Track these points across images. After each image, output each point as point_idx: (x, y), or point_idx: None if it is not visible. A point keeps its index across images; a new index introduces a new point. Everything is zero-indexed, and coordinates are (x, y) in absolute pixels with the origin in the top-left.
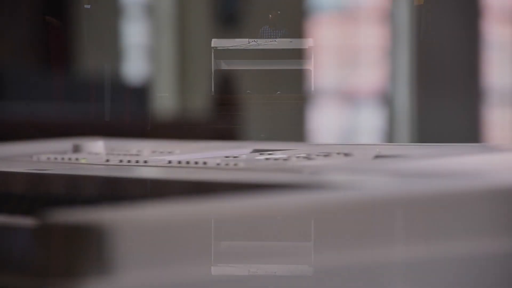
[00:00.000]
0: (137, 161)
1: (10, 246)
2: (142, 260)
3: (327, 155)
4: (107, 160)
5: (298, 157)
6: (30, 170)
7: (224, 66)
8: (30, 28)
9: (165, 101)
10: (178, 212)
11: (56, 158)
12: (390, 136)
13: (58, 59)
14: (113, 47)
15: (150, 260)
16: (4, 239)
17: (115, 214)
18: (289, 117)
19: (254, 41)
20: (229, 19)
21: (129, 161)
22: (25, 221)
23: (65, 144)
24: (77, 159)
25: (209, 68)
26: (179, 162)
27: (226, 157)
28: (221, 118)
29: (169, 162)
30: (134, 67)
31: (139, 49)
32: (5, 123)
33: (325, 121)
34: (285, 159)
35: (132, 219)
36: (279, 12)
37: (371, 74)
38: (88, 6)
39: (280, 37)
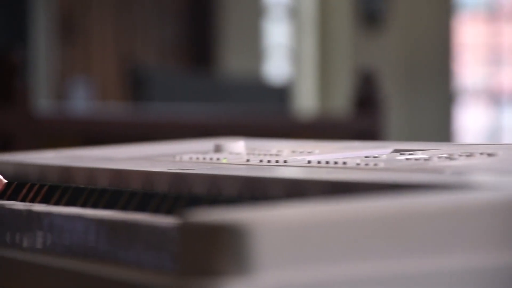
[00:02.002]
0: (277, 161)
1: (151, 244)
2: (282, 260)
3: (469, 155)
4: (248, 160)
5: (439, 157)
6: (173, 169)
7: (366, 65)
8: (174, 29)
9: (306, 101)
10: (317, 212)
11: (197, 158)
12: None
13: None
14: (255, 47)
15: (290, 260)
16: (146, 237)
17: (255, 214)
18: (431, 117)
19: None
20: (371, 18)
21: (269, 161)
22: (167, 220)
23: (207, 144)
24: (218, 159)
25: (350, 68)
26: (319, 162)
27: (366, 157)
28: (362, 118)
29: (309, 162)
30: (276, 67)
31: (280, 50)
32: (150, 123)
33: (469, 121)
34: (426, 159)
35: (271, 218)
36: None
37: None
38: None
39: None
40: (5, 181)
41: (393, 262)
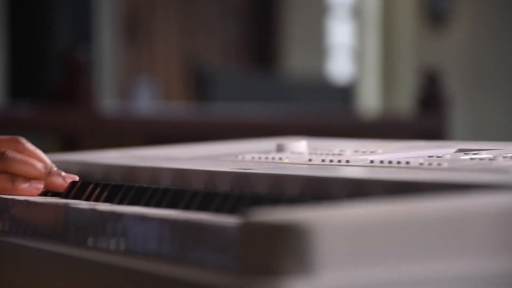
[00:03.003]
0: (339, 161)
1: (213, 244)
2: (343, 260)
3: None
4: (310, 160)
5: (505, 157)
6: (235, 169)
7: (430, 64)
8: (237, 29)
9: (369, 101)
10: (379, 212)
11: (260, 158)
12: None
13: (263, 59)
14: (318, 46)
15: (351, 260)
16: (209, 237)
17: (317, 213)
18: (497, 116)
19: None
20: (436, 17)
21: (331, 161)
22: (229, 220)
23: (269, 144)
24: (280, 158)
25: (414, 67)
26: (381, 162)
27: (430, 156)
28: (426, 117)
29: (371, 161)
30: (339, 66)
31: (344, 49)
32: (212, 123)
33: None
34: (491, 159)
35: (333, 218)
36: None
37: None
38: None
39: None
40: (77, 178)
41: (456, 263)
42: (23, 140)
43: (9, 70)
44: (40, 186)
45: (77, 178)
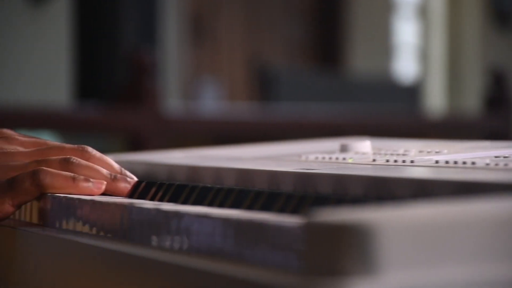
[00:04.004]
0: (403, 161)
1: (277, 244)
2: (407, 260)
3: None
4: (374, 160)
5: None
6: (298, 169)
7: (497, 64)
8: (301, 28)
9: (434, 100)
10: (444, 213)
11: (323, 158)
12: None
13: (328, 58)
14: (383, 45)
15: (415, 261)
16: (272, 237)
17: (381, 214)
18: None
19: None
20: (502, 17)
21: (395, 161)
22: (293, 220)
23: (333, 144)
24: (344, 158)
25: (480, 67)
26: (447, 162)
27: (496, 157)
28: (493, 117)
29: (436, 162)
30: (404, 66)
31: (409, 48)
32: (276, 123)
33: None
34: None
35: (397, 218)
36: None
37: None
38: None
39: None
40: (136, 179)
41: None
42: (90, 149)
43: (77, 71)
44: (102, 186)
45: (135, 178)
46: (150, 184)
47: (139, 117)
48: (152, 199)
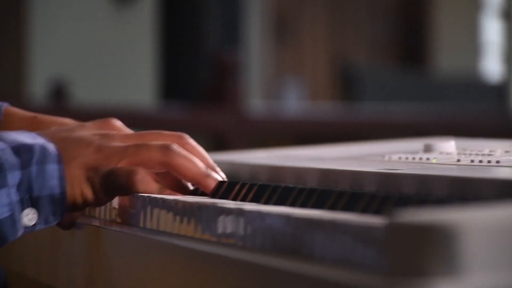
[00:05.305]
0: (489, 161)
1: (359, 244)
2: (490, 262)
3: None
4: (458, 160)
5: None
6: (381, 169)
7: None
8: (386, 27)
9: None
10: None
11: (407, 158)
12: None
13: (412, 57)
14: (470, 44)
15: (499, 262)
16: (355, 237)
17: (465, 214)
18: None
19: None
20: None
21: (480, 161)
22: (376, 220)
23: (417, 144)
24: (428, 159)
25: None
26: None
27: None
28: None
29: None
30: (490, 65)
31: (496, 47)
32: (360, 123)
33: None
34: None
35: (481, 219)
36: None
37: None
38: None
39: None
40: (225, 178)
41: None
42: (188, 137)
43: (162, 72)
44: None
45: (225, 178)
46: (232, 184)
47: (222, 117)
48: (234, 198)
